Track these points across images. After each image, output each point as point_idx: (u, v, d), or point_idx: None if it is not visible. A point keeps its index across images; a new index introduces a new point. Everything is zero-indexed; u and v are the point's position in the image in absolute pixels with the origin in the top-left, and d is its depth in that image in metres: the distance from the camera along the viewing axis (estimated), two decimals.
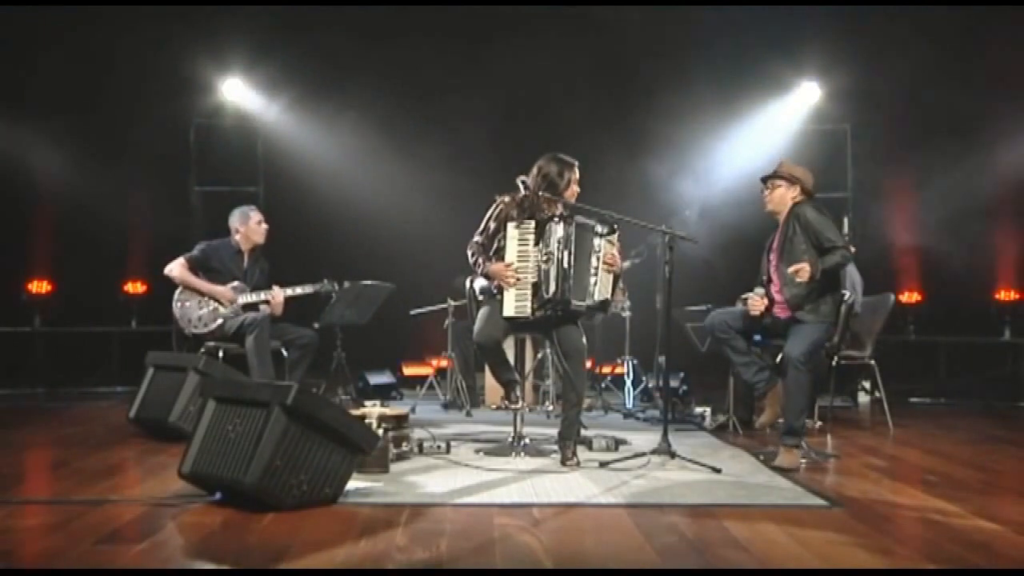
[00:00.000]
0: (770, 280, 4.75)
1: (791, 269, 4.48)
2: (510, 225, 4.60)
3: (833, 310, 4.63)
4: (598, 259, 4.57)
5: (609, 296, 4.65)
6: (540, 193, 4.60)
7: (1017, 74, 7.11)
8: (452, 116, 7.93)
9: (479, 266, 4.65)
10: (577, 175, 4.68)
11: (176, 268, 5.81)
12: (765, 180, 4.79)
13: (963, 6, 7.23)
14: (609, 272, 4.62)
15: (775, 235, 4.80)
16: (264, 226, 6.02)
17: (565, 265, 4.49)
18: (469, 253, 4.69)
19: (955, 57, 7.37)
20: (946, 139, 7.46)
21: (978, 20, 7.31)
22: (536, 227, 4.57)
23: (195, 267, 5.83)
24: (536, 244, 4.55)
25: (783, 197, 4.72)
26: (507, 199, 4.69)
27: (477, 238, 4.69)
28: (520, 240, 4.57)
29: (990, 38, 7.36)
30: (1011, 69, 7.11)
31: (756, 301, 4.70)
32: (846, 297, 4.84)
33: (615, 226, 4.65)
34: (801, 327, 4.56)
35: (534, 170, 4.67)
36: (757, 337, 4.88)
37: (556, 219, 4.55)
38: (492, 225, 4.68)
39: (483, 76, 7.90)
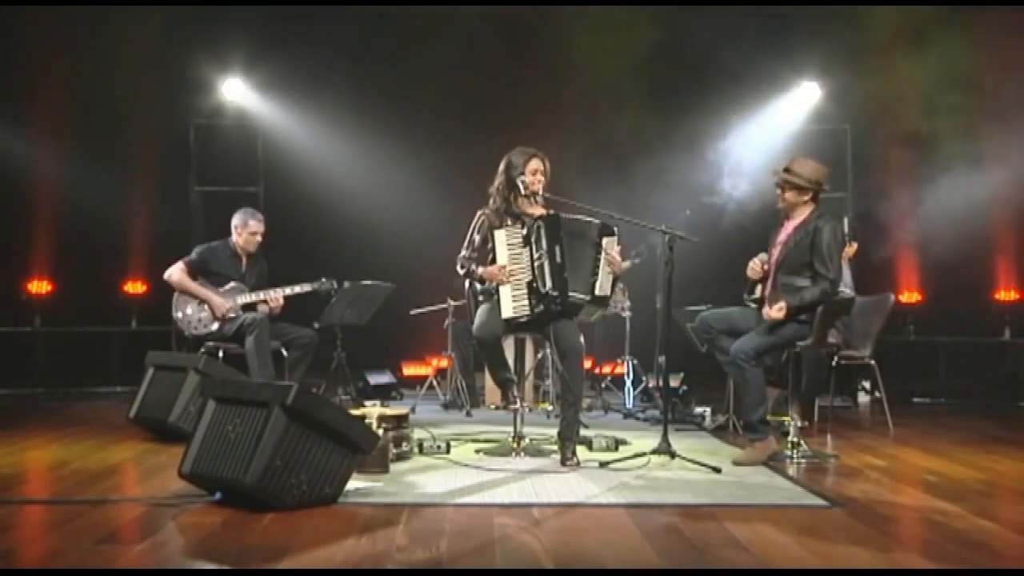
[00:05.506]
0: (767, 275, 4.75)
1: (775, 309, 4.49)
2: (497, 231, 4.62)
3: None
4: (600, 257, 4.58)
5: (609, 293, 4.67)
6: (508, 192, 4.63)
7: (1018, 71, 7.09)
8: (453, 116, 7.92)
9: (472, 273, 4.67)
10: (537, 163, 4.67)
11: (175, 273, 5.80)
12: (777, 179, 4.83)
13: (963, 6, 7.23)
14: (610, 272, 4.63)
15: (781, 228, 4.80)
16: (257, 237, 5.97)
17: (559, 259, 4.50)
18: (459, 267, 4.71)
19: (955, 56, 7.36)
20: (946, 138, 7.44)
21: (978, 18, 7.30)
22: (523, 228, 4.58)
23: (194, 271, 5.82)
24: (526, 244, 4.56)
25: (795, 197, 4.71)
26: (487, 210, 4.73)
27: (464, 252, 4.71)
28: (509, 243, 4.59)
29: (991, 36, 7.35)
30: (1012, 66, 7.10)
31: (756, 265, 4.72)
32: (845, 294, 4.84)
33: (614, 228, 4.66)
34: (769, 323, 4.56)
35: (501, 165, 4.71)
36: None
37: (542, 219, 4.57)
38: (476, 238, 4.72)
39: (484, 76, 7.89)
